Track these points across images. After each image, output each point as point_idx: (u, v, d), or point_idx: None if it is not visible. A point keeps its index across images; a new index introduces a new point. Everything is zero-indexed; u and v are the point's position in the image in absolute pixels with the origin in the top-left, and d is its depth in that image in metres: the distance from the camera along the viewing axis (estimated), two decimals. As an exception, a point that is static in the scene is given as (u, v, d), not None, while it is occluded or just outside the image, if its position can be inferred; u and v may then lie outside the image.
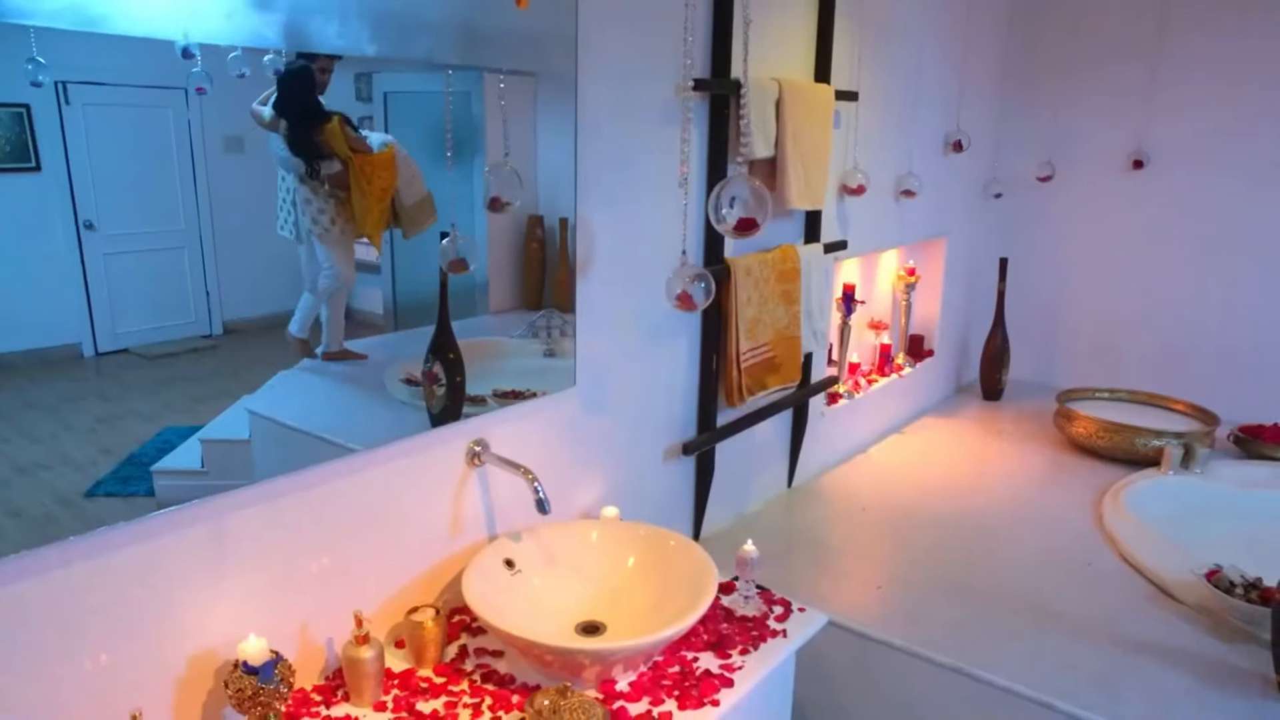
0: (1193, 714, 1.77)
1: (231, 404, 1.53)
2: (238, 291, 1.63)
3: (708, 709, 1.47)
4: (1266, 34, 3.32)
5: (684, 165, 1.61)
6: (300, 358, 1.70)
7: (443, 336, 1.80)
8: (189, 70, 1.37)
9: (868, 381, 3.23)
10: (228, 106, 1.50)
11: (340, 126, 1.68)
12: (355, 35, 1.37)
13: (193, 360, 1.56)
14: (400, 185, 1.80)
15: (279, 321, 1.76)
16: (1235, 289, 3.53)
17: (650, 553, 1.73)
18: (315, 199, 1.73)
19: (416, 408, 1.71)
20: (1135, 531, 2.52)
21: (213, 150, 1.52)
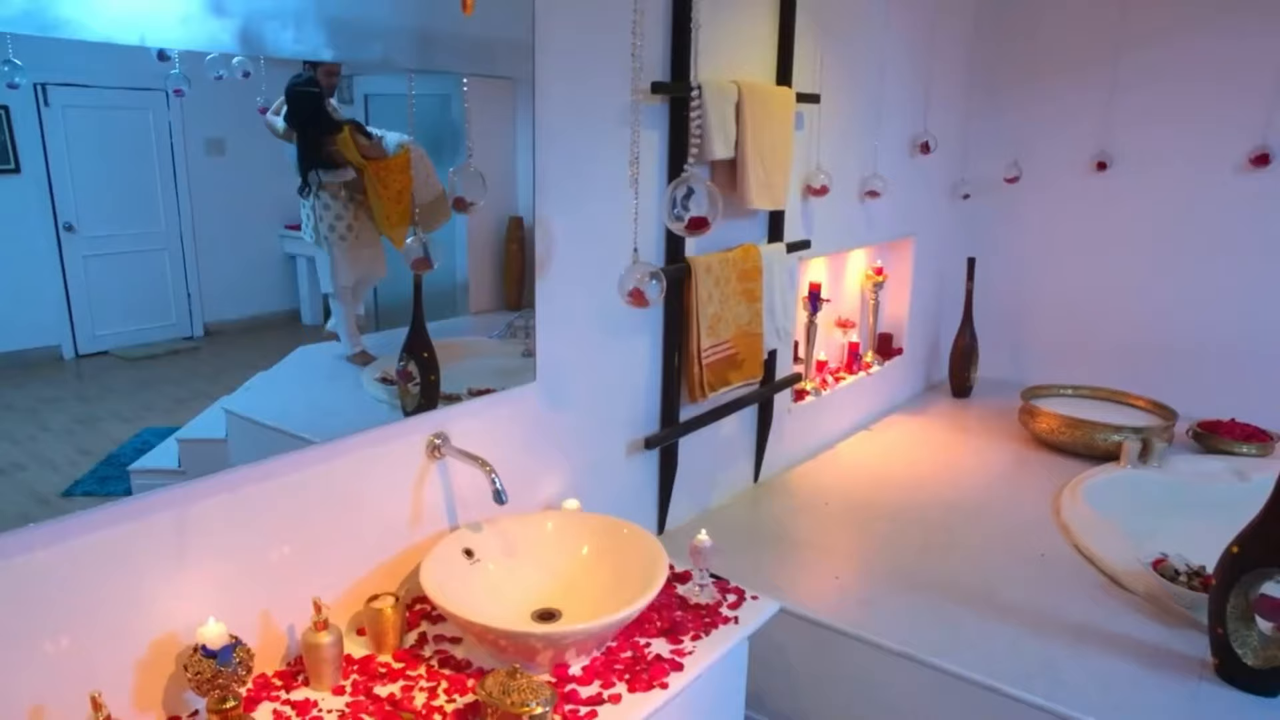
0: (1130, 695, 1.83)
1: (210, 405, 1.56)
2: (219, 293, 1.65)
3: (656, 691, 1.52)
4: (1220, 38, 3.39)
5: (634, 167, 1.66)
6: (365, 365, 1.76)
7: (417, 336, 1.85)
8: (167, 72, 1.41)
9: (835, 379, 3.29)
10: (209, 109, 1.52)
11: (352, 135, 1.72)
12: (312, 40, 1.42)
13: (173, 362, 1.58)
14: (416, 185, 1.85)
15: (261, 323, 1.79)
16: (1196, 288, 3.61)
17: (604, 541, 1.78)
18: (334, 204, 1.78)
19: (392, 406, 1.76)
20: (1089, 523, 2.59)
21: (194, 152, 1.54)
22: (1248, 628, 1.85)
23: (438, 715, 1.44)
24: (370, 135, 1.75)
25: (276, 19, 1.36)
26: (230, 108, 1.55)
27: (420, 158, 1.86)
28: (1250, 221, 3.46)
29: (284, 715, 1.44)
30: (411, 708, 1.46)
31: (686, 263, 2.24)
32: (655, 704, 1.49)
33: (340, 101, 1.78)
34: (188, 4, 1.25)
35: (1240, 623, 1.85)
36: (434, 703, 1.48)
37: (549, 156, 1.87)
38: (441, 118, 1.86)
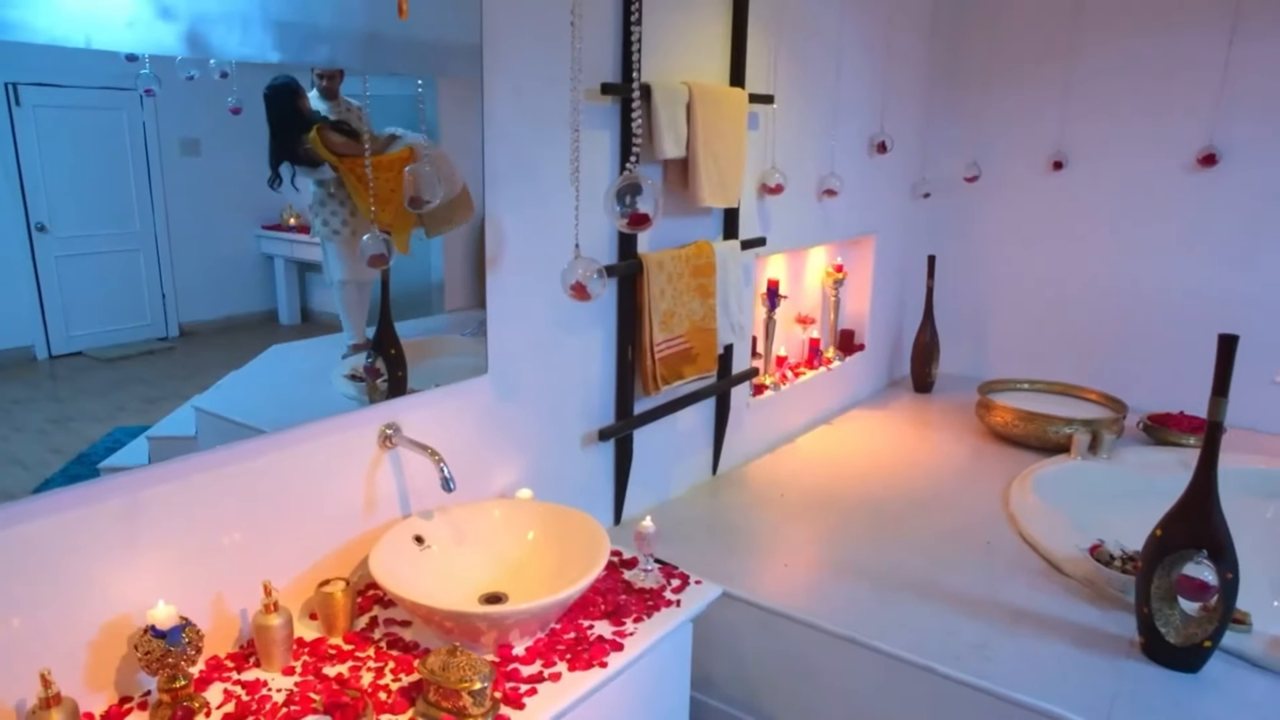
0: (1058, 672, 1.91)
1: (182, 404, 1.59)
2: (195, 294, 1.67)
3: (596, 670, 1.58)
4: (1168, 42, 3.49)
5: (574, 165, 1.72)
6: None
7: (385, 333, 1.90)
8: (137, 72, 1.44)
9: (794, 374, 3.36)
10: (183, 109, 1.53)
11: (320, 133, 1.76)
12: (258, 43, 1.47)
13: (147, 362, 1.60)
14: (423, 184, 1.89)
15: (237, 324, 1.81)
16: (1148, 284, 3.70)
17: (549, 527, 1.84)
18: (330, 202, 1.83)
19: (360, 402, 1.81)
20: (1035, 513, 2.66)
21: (168, 152, 1.56)
22: (1170, 607, 1.93)
23: (383, 693, 1.50)
24: (351, 134, 1.79)
25: (223, 22, 1.41)
26: (205, 108, 1.57)
27: (438, 157, 1.91)
28: (1199, 219, 3.56)
29: (234, 694, 1.49)
30: (358, 686, 1.52)
31: (639, 259, 2.31)
32: (594, 682, 1.55)
33: (327, 99, 1.82)
34: (134, 7, 1.30)
35: (1164, 602, 1.93)
36: (380, 681, 1.53)
37: (499, 155, 1.93)
38: (411, 118, 1.91)
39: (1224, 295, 3.54)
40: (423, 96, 1.84)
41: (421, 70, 1.78)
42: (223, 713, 1.44)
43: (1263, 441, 3.40)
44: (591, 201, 2.08)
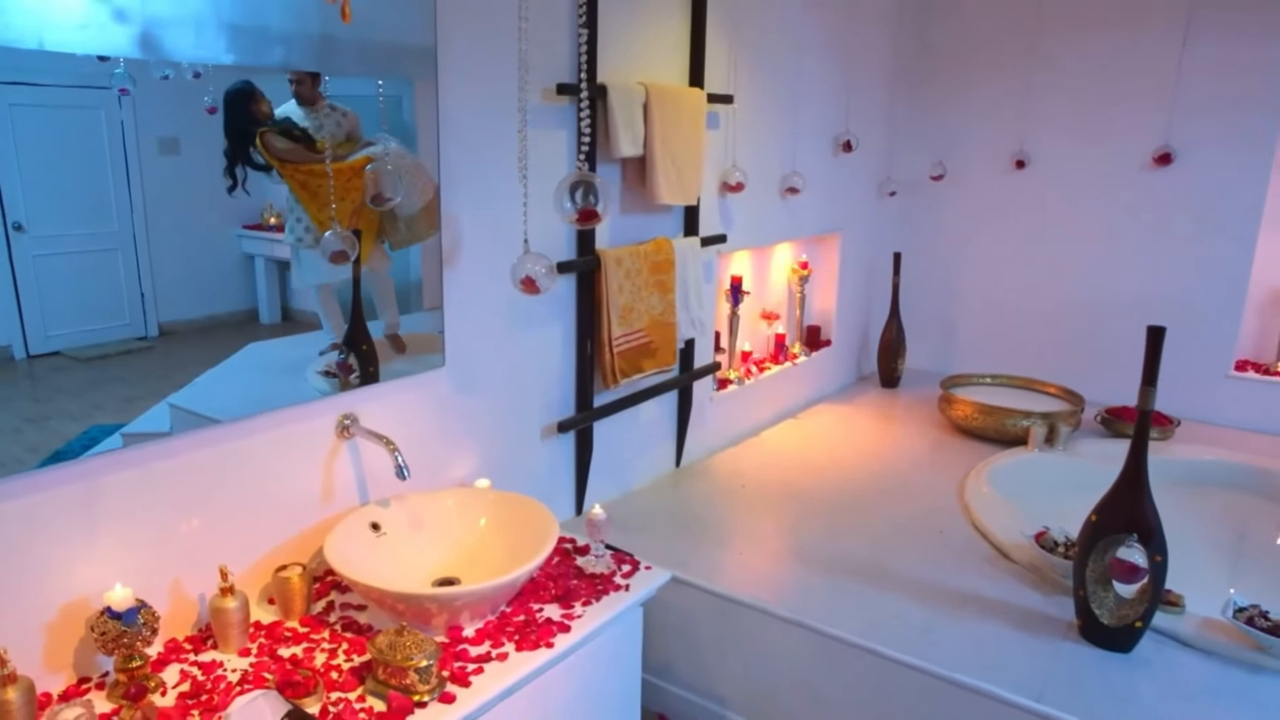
0: (997, 652, 1.98)
1: (159, 402, 1.62)
2: (174, 293, 1.68)
3: (542, 650, 1.64)
4: (1126, 42, 3.57)
5: (522, 163, 1.78)
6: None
7: (356, 330, 1.96)
8: (111, 72, 1.47)
9: (759, 369, 3.42)
10: (162, 108, 1.55)
11: (264, 138, 1.80)
12: (212, 45, 1.52)
13: (125, 362, 1.63)
14: (374, 192, 1.94)
15: (218, 323, 1.84)
16: (1107, 280, 3.78)
17: (500, 514, 1.90)
18: (295, 209, 1.87)
19: (335, 399, 1.86)
20: (988, 503, 2.73)
21: (147, 151, 1.57)
22: (1105, 590, 2.00)
23: (335, 673, 1.55)
24: (302, 139, 1.83)
25: (175, 25, 1.46)
26: (183, 107, 1.59)
27: (413, 166, 1.95)
28: (1156, 216, 3.64)
29: (190, 675, 1.54)
30: (311, 666, 1.57)
31: (597, 255, 2.36)
32: (539, 661, 1.61)
33: (302, 105, 1.87)
34: (88, 10, 1.35)
35: (1098, 585, 2.00)
36: (333, 662, 1.59)
37: (455, 155, 1.99)
38: (395, 118, 1.95)
39: (1180, 290, 3.62)
40: (388, 98, 1.89)
41: (377, 71, 1.82)
42: (178, 692, 1.49)
43: (1215, 433, 3.49)
44: (548, 199, 2.13)
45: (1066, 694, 1.84)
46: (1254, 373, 3.59)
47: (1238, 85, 3.41)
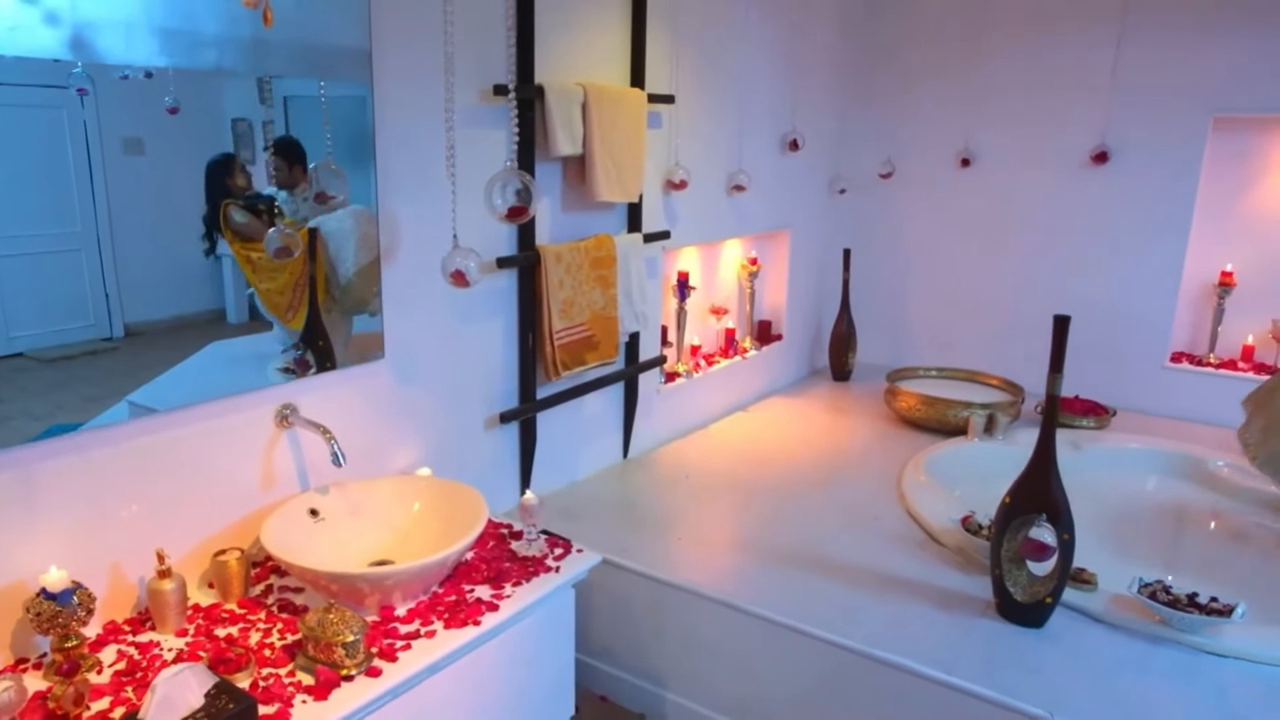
0: (918, 630, 2.07)
1: (120, 400, 1.66)
2: (140, 294, 1.71)
3: (470, 628, 1.71)
4: (1064, 43, 3.68)
5: (450, 162, 1.84)
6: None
7: (313, 327, 2.03)
8: (69, 71, 1.51)
9: (708, 362, 3.51)
10: (125, 108, 1.58)
11: (225, 210, 1.86)
12: (144, 48, 1.57)
13: (91, 363, 1.67)
14: (335, 259, 2.01)
15: (185, 323, 1.87)
16: (1047, 274, 3.89)
17: (435, 500, 1.97)
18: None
19: (273, 389, 1.92)
20: (923, 489, 2.83)
21: (111, 151, 1.60)
22: (1019, 568, 2.09)
23: (268, 650, 1.62)
24: (265, 212, 1.91)
25: (107, 28, 1.51)
26: (148, 108, 1.61)
27: (347, 234, 2.01)
28: (1094, 214, 3.75)
29: (127, 654, 1.60)
30: (244, 644, 1.63)
31: (537, 251, 2.43)
32: (467, 638, 1.68)
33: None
34: (18, 12, 1.40)
35: (1012, 564, 2.09)
36: (267, 640, 1.65)
37: (392, 154, 2.05)
38: (358, 119, 2.00)
39: (1118, 285, 3.74)
40: (351, 99, 1.95)
41: (312, 73, 1.88)
42: (114, 670, 1.55)
43: (1152, 422, 3.60)
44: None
45: (977, 667, 1.93)
46: (1188, 364, 3.71)
47: (1169, 86, 3.52)
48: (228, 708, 1.34)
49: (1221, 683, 1.89)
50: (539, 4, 2.34)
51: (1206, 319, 3.72)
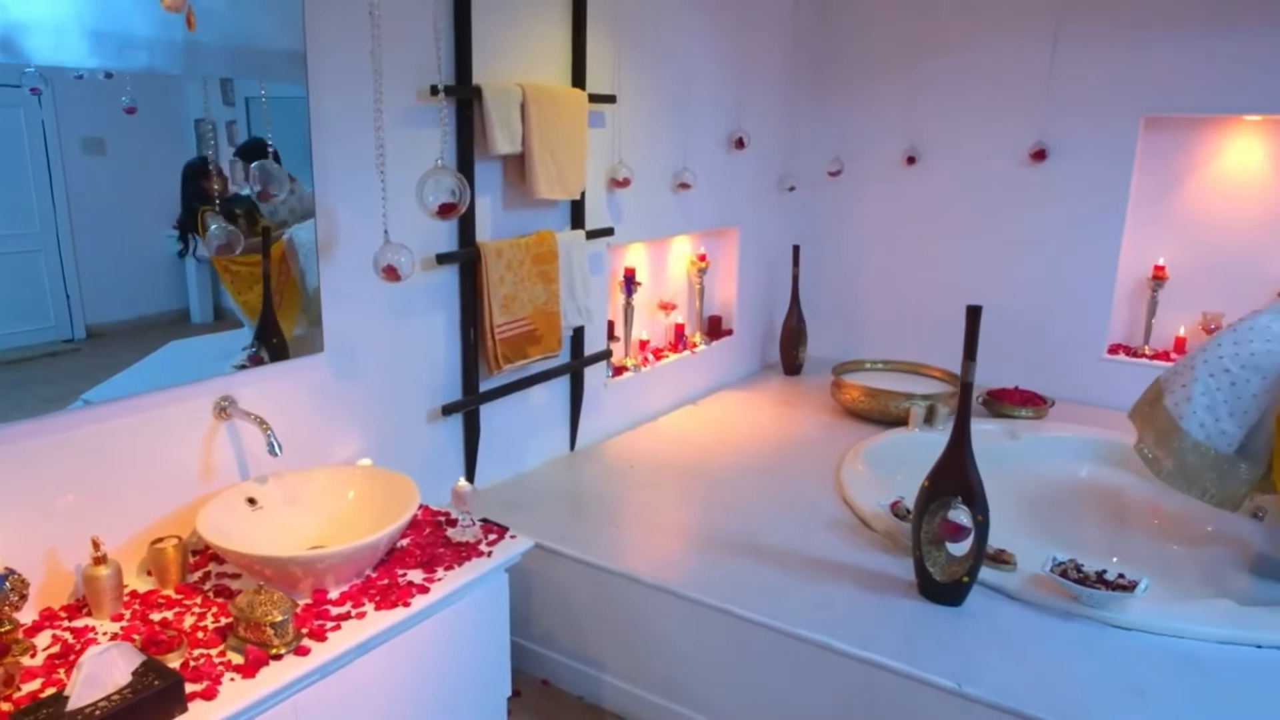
0: (843, 611, 2.15)
1: (76, 400, 1.69)
2: (102, 294, 1.74)
3: (400, 609, 1.77)
4: (1003, 44, 3.79)
5: (380, 161, 1.90)
6: None
7: (267, 324, 2.08)
8: (22, 70, 1.53)
9: (656, 357, 3.58)
10: (84, 108, 1.59)
11: (203, 216, 1.92)
12: (74, 50, 1.61)
13: (51, 364, 1.70)
14: (304, 269, 2.06)
15: (149, 323, 1.90)
16: (991, 269, 4.00)
17: (368, 488, 2.02)
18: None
19: (211, 382, 1.96)
20: (859, 478, 2.91)
21: (71, 151, 1.62)
22: (938, 549, 2.18)
23: (200, 632, 1.67)
24: (244, 219, 1.96)
25: (36, 30, 1.55)
26: (107, 108, 1.63)
27: (294, 249, 2.07)
28: (1033, 210, 3.86)
29: (61, 638, 1.64)
30: (179, 627, 1.68)
31: (477, 247, 2.50)
32: (396, 619, 1.74)
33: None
34: (-54, 16, 1.45)
35: (931, 545, 2.18)
36: (201, 623, 1.70)
37: (329, 153, 2.10)
38: (306, 120, 2.05)
39: (1057, 279, 3.85)
40: (268, 102, 2.00)
41: (247, 74, 1.93)
42: (47, 653, 1.59)
43: (1089, 412, 3.71)
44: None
45: (894, 643, 2.01)
46: (1125, 355, 3.83)
47: (1103, 87, 3.64)
48: (153, 684, 1.39)
49: (1123, 653, 1.99)
50: (480, 6, 2.40)
51: (1141, 312, 3.84)
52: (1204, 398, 2.38)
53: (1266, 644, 2.02)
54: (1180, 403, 2.43)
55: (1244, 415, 2.34)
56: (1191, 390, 2.40)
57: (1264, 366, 2.31)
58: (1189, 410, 2.40)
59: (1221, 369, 2.36)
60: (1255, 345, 2.34)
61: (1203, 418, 2.38)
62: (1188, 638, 2.04)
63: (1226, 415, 2.35)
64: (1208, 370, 2.38)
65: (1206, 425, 2.38)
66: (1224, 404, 2.35)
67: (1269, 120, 3.49)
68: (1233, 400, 2.34)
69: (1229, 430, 2.36)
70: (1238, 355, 2.35)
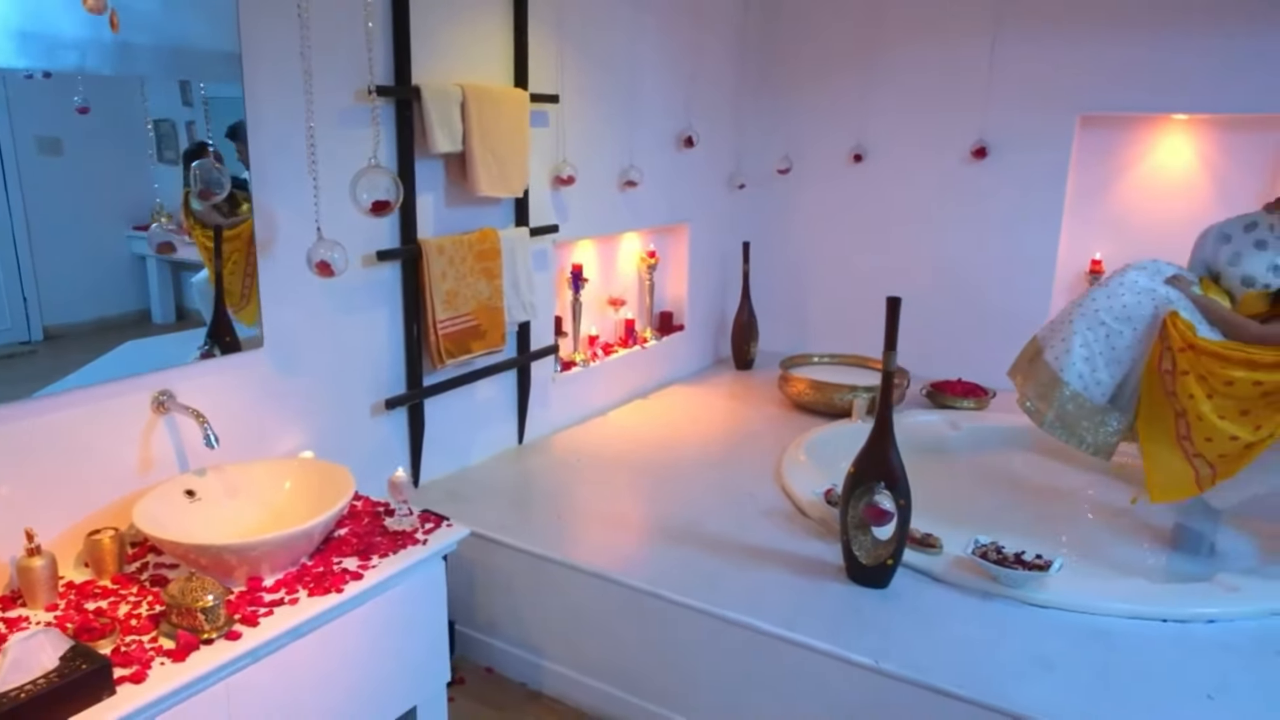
0: (772, 594, 2.22)
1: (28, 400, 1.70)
2: (61, 296, 1.74)
3: (332, 595, 1.81)
4: (946, 45, 3.89)
5: (311, 159, 1.95)
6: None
7: (219, 322, 2.13)
8: None
9: (606, 352, 3.64)
10: (38, 108, 1.60)
11: (186, 197, 1.98)
12: (1, 48, 1.65)
13: (6, 366, 1.72)
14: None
15: (109, 324, 1.92)
16: (935, 264, 4.10)
17: (305, 479, 2.07)
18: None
19: (148, 376, 1.98)
20: (799, 468, 2.99)
21: (25, 151, 1.63)
22: (864, 533, 2.26)
23: (134, 620, 1.71)
24: (219, 201, 2.02)
25: (-39, 31, 1.59)
26: (63, 107, 1.64)
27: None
28: (975, 206, 3.97)
29: (-4, 628, 1.68)
30: (113, 615, 1.72)
31: (418, 244, 2.54)
32: (329, 604, 1.79)
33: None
34: None
35: (858, 530, 2.26)
36: (135, 611, 1.74)
37: (267, 152, 2.13)
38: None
39: (998, 273, 3.95)
40: (209, 102, 2.03)
41: (182, 75, 1.96)
42: (-19, 641, 1.63)
43: (1027, 403, 3.81)
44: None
45: (819, 624, 2.09)
46: (1063, 348, 3.93)
47: (1040, 87, 3.74)
48: (80, 668, 1.43)
49: (1037, 629, 2.08)
50: (421, 7, 2.45)
51: (1079, 305, 3.94)
52: (1082, 349, 2.54)
53: (1171, 618, 2.12)
54: (1060, 355, 2.58)
55: (1118, 365, 2.51)
56: (1071, 343, 2.56)
57: (1134, 318, 2.49)
58: (1069, 362, 2.56)
59: (1098, 321, 2.53)
60: (1126, 298, 2.51)
61: (1081, 369, 2.54)
62: (1099, 614, 2.13)
63: (1103, 365, 2.52)
64: (1085, 324, 2.55)
65: (1084, 376, 2.54)
66: (1100, 355, 2.52)
67: (1195, 120, 3.61)
68: (1108, 351, 2.51)
69: (1103, 380, 2.53)
70: (1111, 308, 2.52)
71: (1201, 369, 2.34)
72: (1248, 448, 2.25)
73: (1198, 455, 2.33)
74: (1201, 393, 2.33)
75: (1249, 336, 2.33)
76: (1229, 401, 2.30)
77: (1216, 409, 2.30)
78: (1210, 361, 2.33)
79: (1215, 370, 2.31)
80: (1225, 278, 2.56)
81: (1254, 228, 2.55)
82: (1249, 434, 2.25)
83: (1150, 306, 2.48)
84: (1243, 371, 2.27)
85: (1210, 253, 2.62)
